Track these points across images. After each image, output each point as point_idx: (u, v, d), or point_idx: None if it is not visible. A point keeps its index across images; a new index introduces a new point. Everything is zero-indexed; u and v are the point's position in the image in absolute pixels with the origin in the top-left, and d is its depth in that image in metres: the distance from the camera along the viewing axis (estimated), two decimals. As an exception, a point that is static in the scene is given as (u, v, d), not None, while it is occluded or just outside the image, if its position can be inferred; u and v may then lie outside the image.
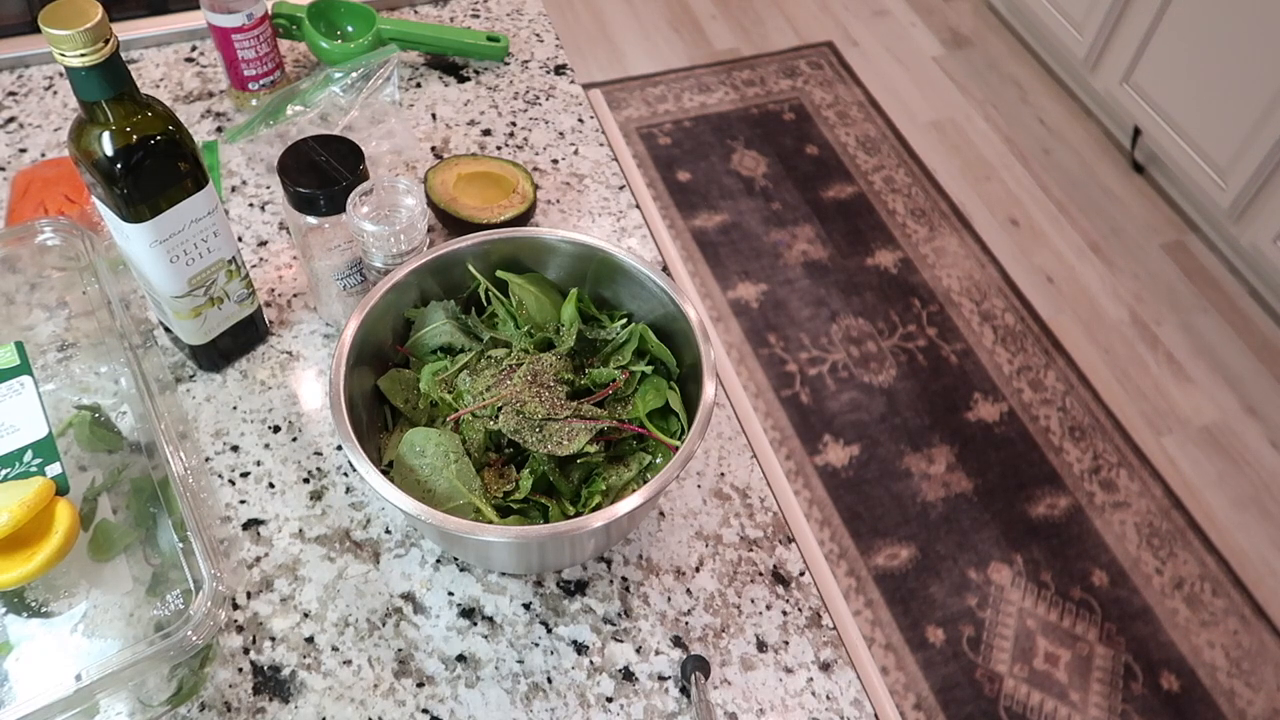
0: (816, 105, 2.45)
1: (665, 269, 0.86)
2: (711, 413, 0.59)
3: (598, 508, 0.59)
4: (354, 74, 0.94)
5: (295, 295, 0.82)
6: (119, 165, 0.58)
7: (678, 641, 0.64)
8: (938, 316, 2.03)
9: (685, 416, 0.64)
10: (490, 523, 0.58)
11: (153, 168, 0.60)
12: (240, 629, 0.63)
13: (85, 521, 0.58)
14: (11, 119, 0.95)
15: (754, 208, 2.22)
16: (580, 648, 0.63)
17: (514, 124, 0.98)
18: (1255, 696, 1.58)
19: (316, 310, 0.80)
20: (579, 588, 0.66)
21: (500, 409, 0.61)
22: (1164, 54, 2.06)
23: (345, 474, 0.70)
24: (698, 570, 0.67)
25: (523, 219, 0.84)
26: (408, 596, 0.65)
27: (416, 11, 1.10)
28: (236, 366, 0.76)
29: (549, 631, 0.64)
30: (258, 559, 0.66)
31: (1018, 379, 1.94)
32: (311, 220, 0.70)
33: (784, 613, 0.65)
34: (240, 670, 0.61)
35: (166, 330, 0.75)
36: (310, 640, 0.62)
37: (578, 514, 0.60)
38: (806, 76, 2.53)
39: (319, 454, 0.71)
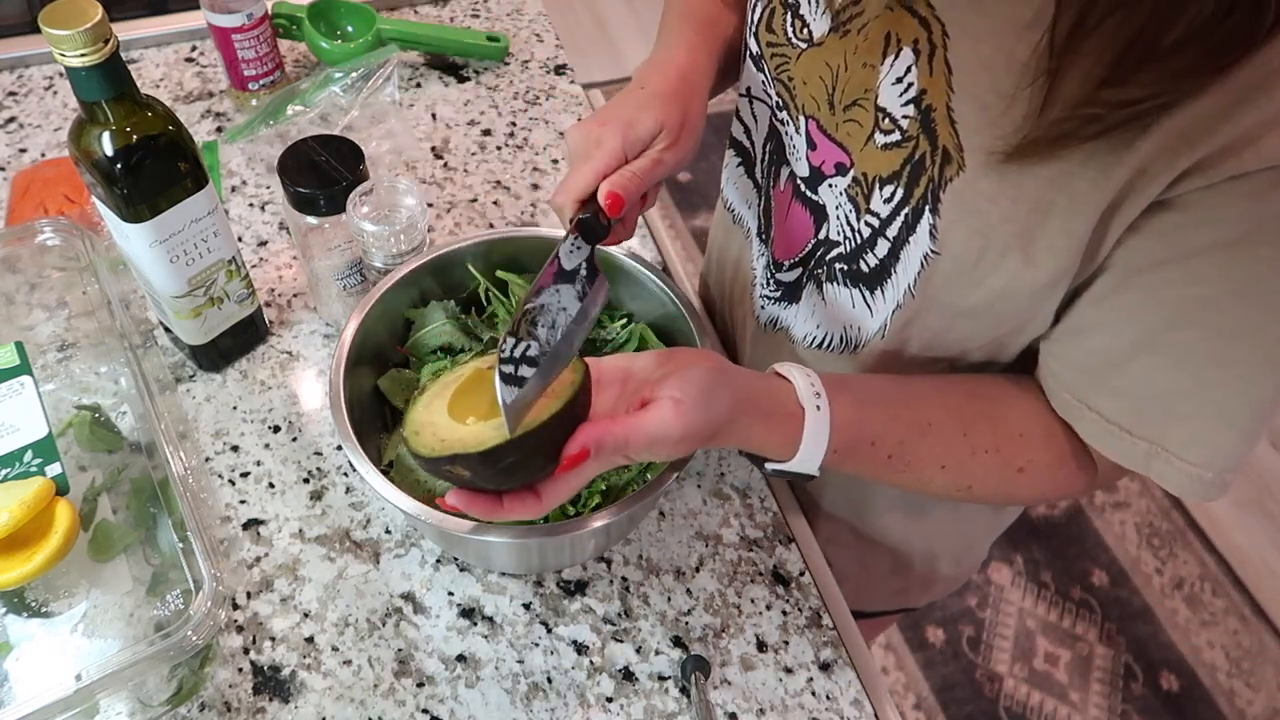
0: (816, 105, 2.45)
1: (665, 269, 0.86)
2: (711, 413, 0.59)
3: (598, 508, 0.59)
4: (354, 74, 0.94)
5: (295, 295, 0.82)
6: (119, 165, 0.58)
7: (678, 641, 0.64)
8: (938, 316, 2.03)
9: (685, 416, 0.63)
10: (490, 523, 0.58)
11: (153, 168, 0.60)
12: (240, 629, 0.63)
13: (85, 521, 0.58)
14: (11, 119, 0.95)
15: (754, 208, 2.21)
16: (580, 648, 0.63)
17: (514, 124, 0.98)
18: (1255, 696, 1.58)
19: (316, 310, 0.80)
20: (579, 588, 0.66)
21: (500, 409, 0.61)
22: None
23: (345, 474, 0.70)
24: (698, 570, 0.67)
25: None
26: (408, 596, 0.64)
27: (416, 11, 1.10)
28: (236, 366, 0.76)
29: (549, 631, 0.64)
30: (258, 559, 0.66)
31: (1018, 379, 1.93)
32: (311, 220, 0.70)
33: (784, 613, 0.65)
34: (240, 670, 0.61)
35: (166, 330, 0.75)
36: (310, 640, 0.62)
37: (578, 514, 0.60)
38: (806, 76, 2.52)
39: (319, 454, 0.71)
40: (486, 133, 0.97)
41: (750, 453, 0.52)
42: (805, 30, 0.56)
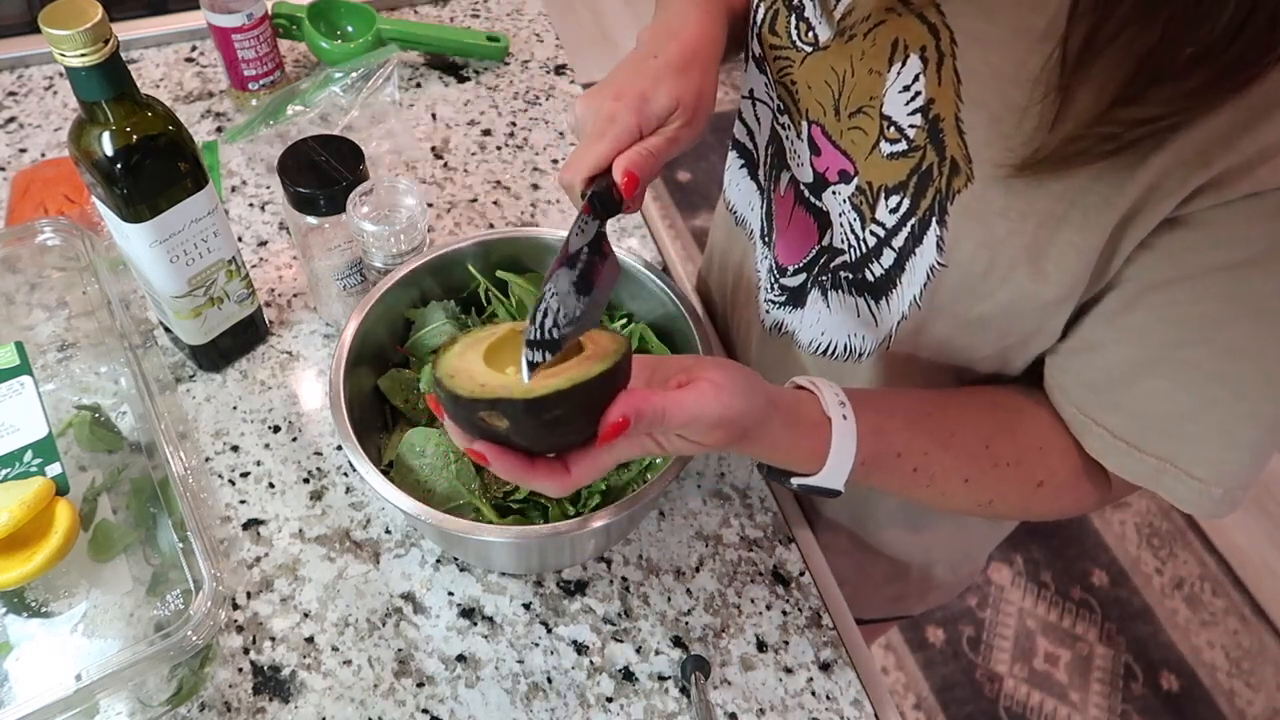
0: (816, 105, 2.45)
1: (665, 269, 0.86)
2: (711, 413, 0.59)
3: (598, 508, 0.59)
4: (354, 74, 0.94)
5: (295, 295, 0.82)
6: (119, 165, 0.58)
7: (678, 641, 0.64)
8: (938, 316, 2.03)
9: (685, 416, 0.63)
10: (490, 523, 0.58)
11: (153, 168, 0.60)
12: (240, 629, 0.63)
13: (85, 521, 0.58)
14: (11, 119, 0.95)
15: (754, 208, 2.21)
16: (580, 648, 0.63)
17: (514, 124, 0.98)
18: (1255, 696, 1.58)
19: (316, 310, 0.80)
20: (579, 588, 0.66)
21: (500, 409, 0.61)
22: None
23: (345, 474, 0.70)
24: (698, 570, 0.67)
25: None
26: (408, 596, 0.64)
27: (416, 11, 1.10)
28: (236, 366, 0.76)
29: (549, 631, 0.64)
30: (258, 559, 0.66)
31: (1018, 379, 1.93)
32: (311, 220, 0.70)
33: (784, 613, 0.65)
34: (240, 670, 0.61)
35: (166, 330, 0.75)
36: (310, 640, 0.62)
37: (578, 514, 0.60)
38: (806, 76, 2.52)
39: (319, 454, 0.71)
40: (486, 133, 0.97)
41: (773, 468, 0.51)
42: (810, 34, 0.55)
